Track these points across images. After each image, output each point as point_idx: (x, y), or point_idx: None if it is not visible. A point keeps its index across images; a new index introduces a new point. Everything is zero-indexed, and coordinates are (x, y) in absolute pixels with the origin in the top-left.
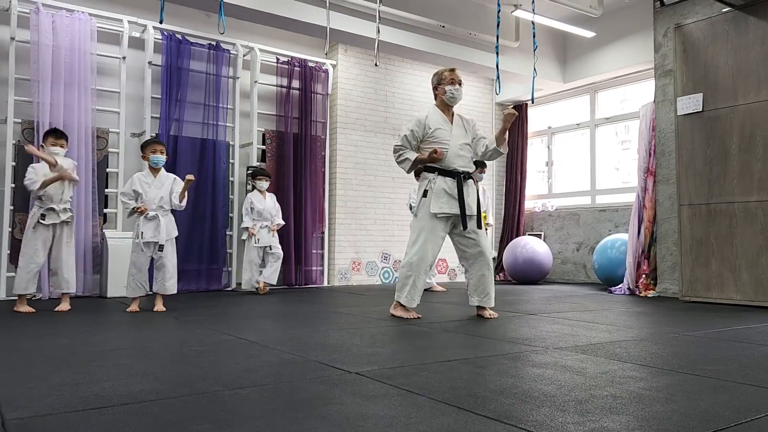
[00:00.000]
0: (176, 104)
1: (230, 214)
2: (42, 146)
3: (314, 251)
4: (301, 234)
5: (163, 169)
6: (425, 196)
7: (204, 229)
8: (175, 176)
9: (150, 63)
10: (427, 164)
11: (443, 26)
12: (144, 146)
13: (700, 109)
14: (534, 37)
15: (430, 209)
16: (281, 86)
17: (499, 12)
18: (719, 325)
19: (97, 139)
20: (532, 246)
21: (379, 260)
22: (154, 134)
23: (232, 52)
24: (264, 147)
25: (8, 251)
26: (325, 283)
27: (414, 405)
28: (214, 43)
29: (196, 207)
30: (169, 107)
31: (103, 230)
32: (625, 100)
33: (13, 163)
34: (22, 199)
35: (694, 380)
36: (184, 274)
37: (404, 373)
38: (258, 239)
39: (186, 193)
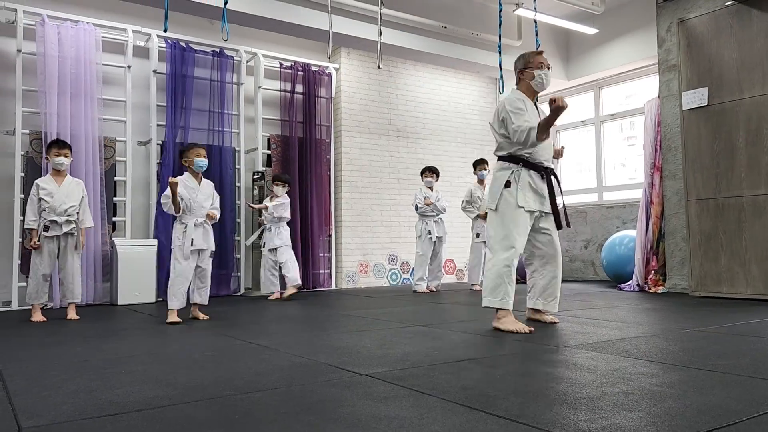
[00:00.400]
0: (182, 111)
1: (237, 220)
2: (47, 158)
3: (321, 254)
4: (308, 237)
5: (202, 176)
6: (507, 187)
7: (214, 235)
8: (212, 183)
9: (155, 71)
10: (515, 153)
11: (445, 27)
12: (186, 150)
13: (706, 104)
14: (536, 35)
15: (518, 202)
16: (285, 91)
17: (501, 11)
18: (730, 320)
19: (104, 148)
20: None
21: (386, 262)
22: (160, 142)
23: (235, 58)
24: (269, 152)
25: (19, 261)
26: (333, 286)
27: (425, 406)
28: (217, 50)
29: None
30: (174, 115)
31: (112, 238)
32: (629, 96)
33: (22, 174)
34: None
35: (706, 375)
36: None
37: (415, 374)
38: (264, 242)
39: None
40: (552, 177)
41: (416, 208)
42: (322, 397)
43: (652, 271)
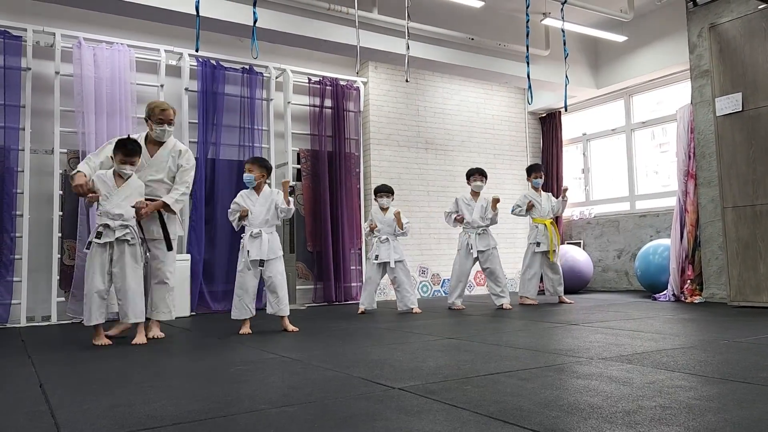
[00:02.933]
0: (213, 128)
1: None
2: (112, 158)
3: (352, 267)
4: (339, 251)
5: (266, 187)
6: None
7: None
8: (275, 190)
9: (186, 89)
10: None
11: (472, 38)
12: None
13: (740, 109)
14: (564, 44)
15: None
16: (314, 105)
17: (528, 21)
18: None
19: None
20: (572, 255)
21: (417, 274)
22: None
23: (265, 74)
24: (299, 166)
25: (58, 277)
26: None
27: (459, 420)
28: (247, 66)
29: (232, 227)
30: (206, 131)
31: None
32: (660, 102)
33: (60, 192)
34: (71, 226)
35: (747, 388)
36: (228, 294)
37: (447, 387)
38: (377, 255)
39: (289, 197)
40: None
41: (447, 216)
42: (356, 411)
43: (688, 281)
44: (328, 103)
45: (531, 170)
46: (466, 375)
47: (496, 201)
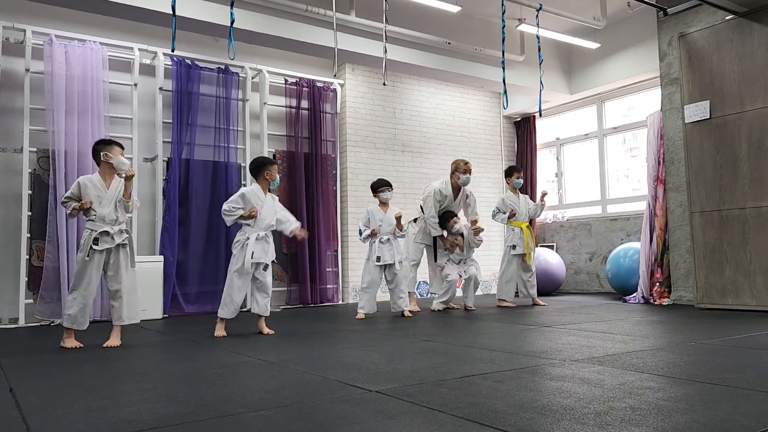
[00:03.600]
0: (187, 128)
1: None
2: (106, 154)
3: (328, 269)
4: (315, 252)
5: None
6: None
7: (220, 250)
8: (274, 196)
9: (161, 89)
10: None
11: (449, 43)
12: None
13: (708, 116)
14: (539, 50)
15: None
16: (290, 107)
17: (503, 27)
18: (736, 332)
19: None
20: (544, 257)
21: None
22: (166, 159)
23: (240, 75)
24: None
25: (26, 278)
26: (340, 301)
27: (436, 422)
28: (223, 66)
29: (211, 229)
30: (180, 131)
31: None
32: (631, 108)
33: (30, 192)
34: (40, 226)
35: (713, 389)
36: (202, 296)
37: (424, 390)
38: (379, 256)
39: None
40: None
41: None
42: (333, 415)
43: (657, 283)
44: (304, 104)
45: (512, 171)
46: (442, 377)
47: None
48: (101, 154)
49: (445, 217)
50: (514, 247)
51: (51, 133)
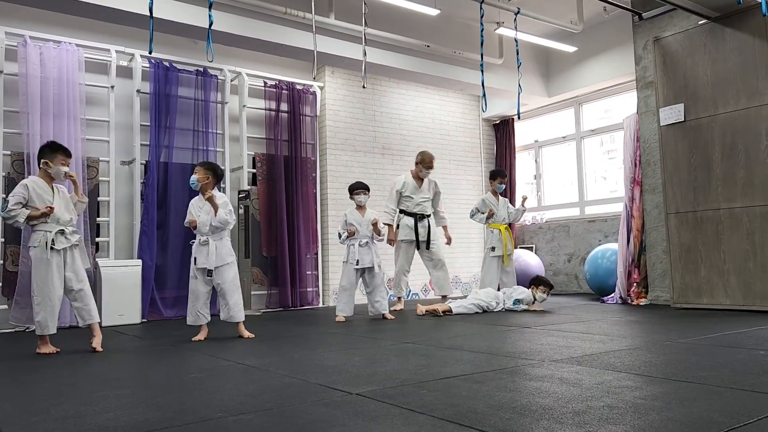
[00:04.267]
0: (165, 131)
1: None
2: (47, 162)
3: (309, 272)
4: (295, 255)
5: (215, 192)
6: None
7: None
8: (223, 195)
9: (138, 91)
10: None
11: (428, 46)
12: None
13: (682, 119)
14: (517, 53)
15: None
16: (270, 110)
17: (482, 30)
18: (710, 331)
19: (87, 168)
20: (524, 259)
21: None
22: (144, 162)
23: (219, 77)
24: (255, 170)
25: (0, 284)
26: (321, 304)
27: (416, 424)
28: (201, 69)
29: (190, 232)
30: (158, 134)
31: (96, 259)
32: (608, 111)
33: (3, 195)
34: (14, 231)
35: (688, 387)
36: (180, 300)
37: (404, 392)
38: (358, 260)
39: (217, 207)
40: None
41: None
42: (314, 418)
43: (634, 284)
44: (284, 107)
45: (497, 174)
46: (422, 379)
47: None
48: (41, 161)
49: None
50: (493, 249)
51: (26, 136)
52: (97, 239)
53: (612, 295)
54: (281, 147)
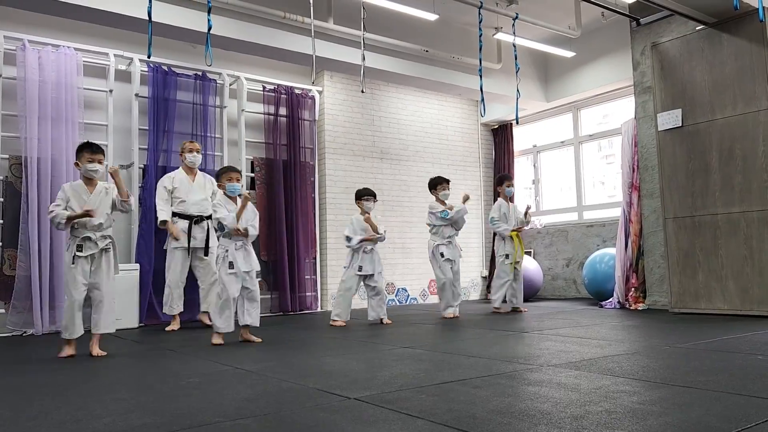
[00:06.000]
0: (164, 135)
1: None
2: (77, 164)
3: (307, 277)
4: (294, 260)
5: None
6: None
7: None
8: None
9: (137, 95)
10: None
11: (427, 50)
12: (219, 175)
13: (680, 124)
14: (516, 58)
15: None
16: (268, 114)
17: (481, 35)
18: (708, 336)
19: None
20: (522, 264)
21: None
22: (142, 166)
23: (218, 81)
24: (253, 175)
25: None
26: (320, 308)
27: (414, 428)
28: (200, 73)
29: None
30: (156, 138)
31: None
32: (606, 116)
33: (1, 199)
34: (11, 234)
35: (686, 392)
36: None
37: (403, 396)
38: (361, 266)
39: (244, 212)
40: None
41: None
42: (312, 422)
43: (632, 289)
44: (282, 111)
45: (503, 179)
46: (421, 384)
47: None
48: (74, 163)
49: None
50: (507, 256)
51: (24, 140)
52: None
53: (610, 299)
54: (280, 151)
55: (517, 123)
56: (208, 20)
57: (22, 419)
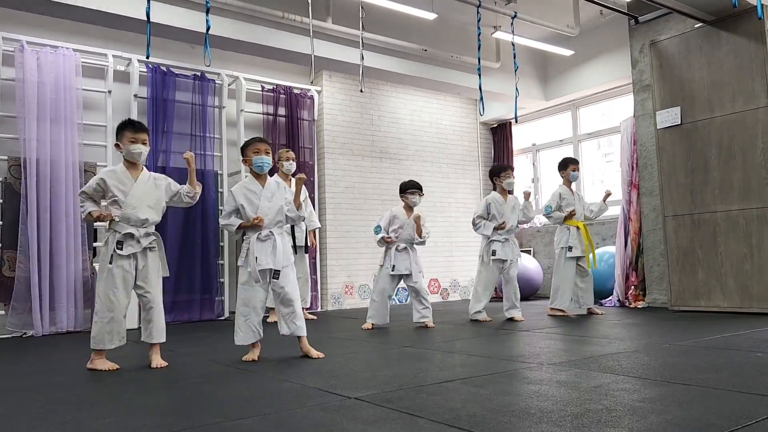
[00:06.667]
0: (163, 135)
1: (221, 243)
2: (117, 145)
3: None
4: None
5: (268, 176)
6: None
7: (195, 258)
8: (280, 182)
9: (135, 96)
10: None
11: (425, 50)
12: (244, 148)
13: (679, 122)
14: (514, 57)
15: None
16: (267, 114)
17: (479, 34)
18: (708, 333)
19: (84, 173)
20: (522, 262)
21: (371, 283)
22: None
23: (217, 81)
24: None
25: None
26: (319, 308)
27: (414, 427)
28: (198, 73)
29: (186, 236)
30: (155, 139)
31: (93, 264)
32: (605, 114)
33: (1, 200)
34: (11, 235)
35: (686, 390)
36: (177, 305)
37: (403, 396)
38: (393, 265)
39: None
40: None
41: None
42: (313, 422)
43: (632, 287)
44: (281, 111)
45: (567, 162)
46: (421, 383)
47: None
48: (114, 144)
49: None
50: (570, 248)
51: (23, 141)
52: (95, 244)
53: (610, 298)
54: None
55: (516, 122)
56: (207, 20)
57: (23, 421)
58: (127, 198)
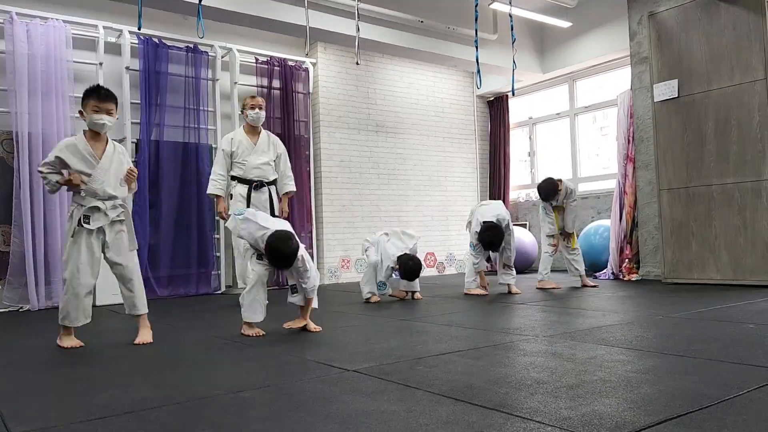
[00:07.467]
0: (156, 109)
1: (216, 217)
2: (80, 112)
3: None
4: None
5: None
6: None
7: (191, 232)
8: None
9: (127, 68)
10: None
11: (422, 21)
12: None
13: (676, 95)
14: (512, 29)
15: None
16: (262, 86)
17: (476, 5)
18: (701, 306)
19: None
20: (517, 236)
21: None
22: (134, 140)
23: (210, 54)
24: None
25: None
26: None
27: (413, 399)
28: (191, 45)
29: (181, 210)
30: (149, 112)
31: None
32: (602, 87)
33: None
34: (5, 210)
35: (679, 361)
36: (173, 279)
37: (401, 368)
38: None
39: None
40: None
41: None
42: (312, 394)
43: (626, 260)
44: (276, 84)
45: (548, 195)
46: (419, 355)
47: None
48: (78, 111)
49: None
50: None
51: (14, 115)
52: None
53: (604, 270)
54: (274, 125)
55: (513, 95)
56: None
57: (23, 393)
58: (95, 171)
